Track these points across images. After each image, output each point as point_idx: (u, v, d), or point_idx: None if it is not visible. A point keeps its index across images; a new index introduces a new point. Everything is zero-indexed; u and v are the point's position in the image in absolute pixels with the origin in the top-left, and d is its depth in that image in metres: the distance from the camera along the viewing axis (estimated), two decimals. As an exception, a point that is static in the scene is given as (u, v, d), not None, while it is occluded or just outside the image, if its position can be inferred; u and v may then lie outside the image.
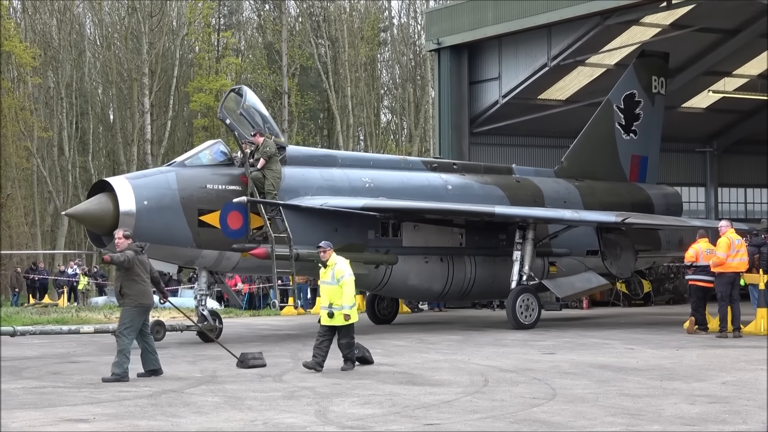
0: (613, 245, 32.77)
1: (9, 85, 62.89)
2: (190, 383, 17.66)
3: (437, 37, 43.34)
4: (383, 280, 29.35)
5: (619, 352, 22.78)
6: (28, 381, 18.50)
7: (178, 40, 72.75)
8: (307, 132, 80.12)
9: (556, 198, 33.54)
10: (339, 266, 19.39)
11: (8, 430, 13.19)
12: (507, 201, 31.75)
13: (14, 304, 47.35)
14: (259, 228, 26.34)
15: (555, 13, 39.16)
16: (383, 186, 29.65)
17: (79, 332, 24.38)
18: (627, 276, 35.54)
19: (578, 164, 35.71)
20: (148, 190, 25.09)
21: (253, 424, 13.40)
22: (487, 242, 31.46)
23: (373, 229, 28.88)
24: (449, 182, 31.26)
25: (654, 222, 33.63)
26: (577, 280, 32.46)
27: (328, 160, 29.78)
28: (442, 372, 19.02)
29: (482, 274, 31.08)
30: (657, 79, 37.64)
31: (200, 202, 25.79)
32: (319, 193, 28.07)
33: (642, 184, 37.28)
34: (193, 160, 26.60)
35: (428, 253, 30.18)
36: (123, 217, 24.29)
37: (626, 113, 36.67)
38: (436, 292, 31.13)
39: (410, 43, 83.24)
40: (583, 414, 13.88)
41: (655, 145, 37.96)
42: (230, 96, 27.75)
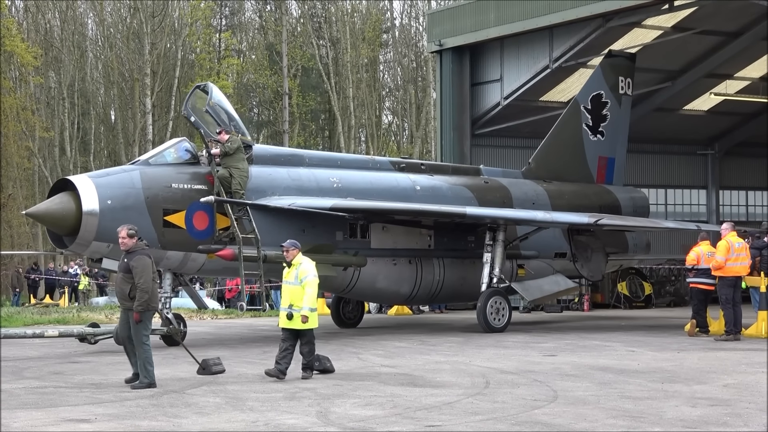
0: (584, 247, 32.62)
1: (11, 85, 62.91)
2: (191, 384, 17.67)
3: (439, 39, 43.33)
4: (351, 282, 28.73)
5: (620, 354, 22.78)
6: (30, 381, 18.51)
7: (179, 40, 72.74)
8: (308, 133, 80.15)
9: (524, 199, 32.97)
10: (304, 266, 18.58)
11: (10, 429, 13.20)
12: (475, 202, 31.22)
13: (15, 304, 47.33)
14: (226, 229, 25.71)
15: (557, 15, 39.17)
16: (351, 186, 28.99)
17: (43, 336, 23.25)
18: (598, 279, 35.30)
19: (546, 165, 35.13)
20: (112, 189, 24.40)
21: (254, 425, 13.41)
22: (456, 244, 30.97)
23: (341, 230, 28.29)
24: (417, 183, 30.63)
25: (627, 224, 33.26)
26: (546, 283, 32.26)
27: (295, 159, 29.06)
28: (444, 373, 19.02)
29: (451, 276, 30.55)
30: (624, 80, 37.15)
31: (165, 202, 25.11)
32: (287, 193, 27.40)
33: (609, 185, 36.73)
34: (158, 159, 25.89)
35: (397, 255, 29.61)
36: (86, 217, 23.74)
37: (593, 114, 36.11)
38: (404, 295, 30.45)
39: (412, 44, 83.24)
40: (584, 416, 13.89)
41: (622, 146, 37.44)
42: (195, 93, 27.07)
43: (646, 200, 38.35)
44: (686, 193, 53.73)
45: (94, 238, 23.95)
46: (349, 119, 75.09)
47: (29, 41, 66.66)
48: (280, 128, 74.59)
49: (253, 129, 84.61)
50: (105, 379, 16.83)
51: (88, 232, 23.87)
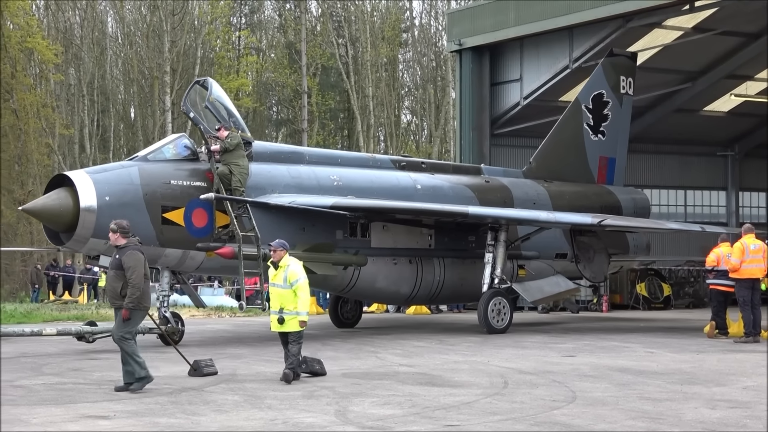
0: (586, 248, 32.28)
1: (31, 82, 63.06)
2: (210, 381, 17.68)
3: (459, 38, 43.28)
4: (351, 282, 28.33)
5: (639, 355, 22.72)
6: (49, 377, 18.55)
7: (199, 38, 72.85)
8: (327, 132, 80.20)
9: (525, 199, 32.67)
10: (292, 268, 17.90)
11: (29, 425, 13.23)
12: (476, 202, 30.87)
13: (34, 301, 47.48)
14: (225, 226, 25.36)
15: (577, 15, 39.08)
16: (352, 184, 28.63)
17: (41, 334, 23.02)
18: (600, 280, 34.89)
19: (547, 165, 34.80)
20: (110, 185, 24.00)
21: (272, 423, 13.42)
22: (457, 244, 30.68)
23: (341, 228, 27.93)
24: (418, 182, 30.28)
25: (630, 224, 32.97)
26: (546, 284, 31.91)
27: (295, 156, 28.61)
28: (462, 373, 19.00)
29: (451, 276, 30.27)
30: (625, 80, 36.80)
31: (164, 199, 24.72)
32: (286, 190, 27.00)
33: (610, 186, 36.41)
34: (156, 155, 25.46)
35: (397, 255, 29.29)
36: (83, 214, 23.39)
37: (594, 114, 35.79)
38: (404, 295, 30.08)
39: (431, 43, 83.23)
40: (603, 417, 13.85)
41: (622, 146, 37.12)
42: (195, 88, 26.65)
43: (646, 201, 38.05)
44: (706, 194, 53.54)
45: (92, 234, 23.58)
46: (368, 118, 75.10)
47: (50, 38, 66.81)
48: (299, 127, 74.66)
49: (272, 127, 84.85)
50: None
51: (86, 229, 23.53)
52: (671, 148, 51.34)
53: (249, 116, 77.60)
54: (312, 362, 18.49)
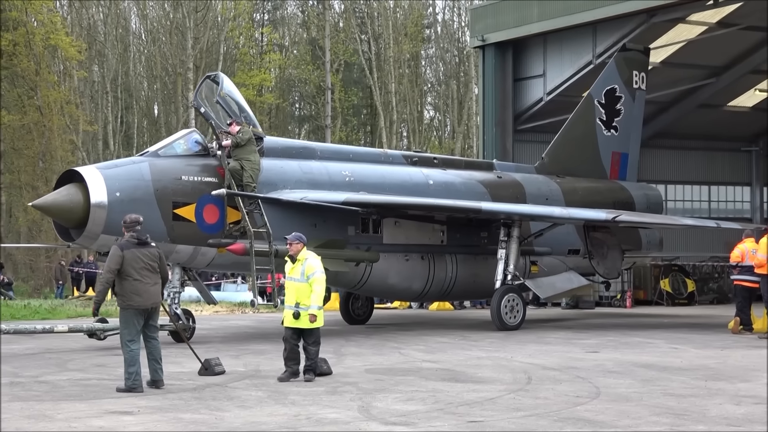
0: (600, 244, 31.94)
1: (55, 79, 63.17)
2: (233, 377, 17.72)
3: (482, 34, 43.22)
4: (363, 278, 28.08)
5: (663, 351, 22.66)
6: (73, 373, 18.63)
7: (222, 35, 72.94)
8: (350, 128, 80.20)
9: (537, 195, 32.45)
10: (310, 262, 17.62)
11: (53, 421, 13.27)
12: (488, 197, 30.63)
13: (59, 297, 47.63)
14: (236, 222, 25.14)
15: (600, 11, 38.97)
16: (363, 180, 28.38)
17: (53, 331, 22.78)
18: (614, 277, 34.51)
19: (559, 161, 34.58)
20: (121, 181, 23.79)
21: (296, 419, 13.43)
22: (469, 240, 30.38)
23: (353, 224, 27.66)
24: (430, 177, 30.03)
25: (645, 220, 32.53)
26: (558, 280, 31.61)
27: (306, 152, 28.36)
28: (485, 369, 18.98)
29: (463, 273, 29.97)
30: (638, 74, 36.44)
31: (175, 195, 24.50)
32: (298, 186, 26.79)
33: (623, 181, 36.13)
34: (167, 150, 25.27)
35: (409, 251, 29.00)
36: (94, 210, 23.19)
37: (607, 108, 35.53)
38: (416, 292, 29.86)
39: (454, 39, 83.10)
40: (627, 413, 13.82)
41: (635, 141, 36.82)
42: (206, 83, 26.47)
43: (659, 197, 37.86)
44: (730, 190, 53.35)
45: (102, 231, 23.39)
46: (391, 114, 75.03)
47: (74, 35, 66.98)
48: (322, 123, 74.68)
49: (294, 124, 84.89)
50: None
51: (96, 225, 23.35)
52: (695, 144, 51.18)
53: (272, 112, 77.72)
54: (319, 361, 18.00)
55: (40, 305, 37.98)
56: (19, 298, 45.69)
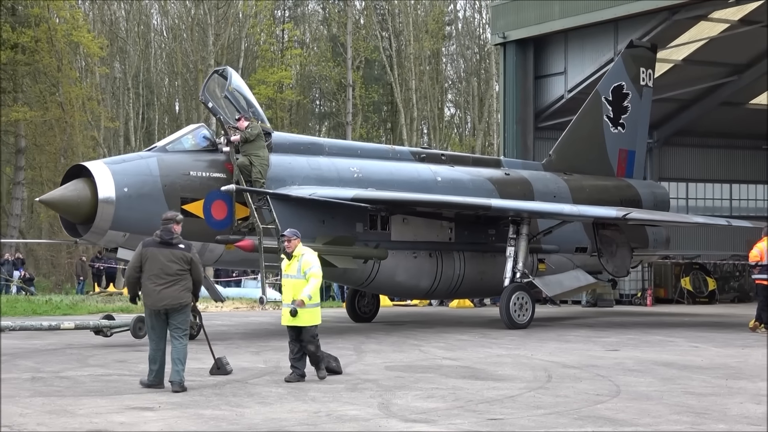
0: (609, 242, 31.62)
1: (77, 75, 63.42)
2: (254, 374, 17.75)
3: (503, 31, 43.21)
4: (370, 275, 27.81)
5: (684, 349, 22.61)
6: (95, 369, 18.68)
7: (243, 31, 73.02)
8: (370, 125, 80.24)
9: (545, 192, 32.17)
10: (306, 258, 17.13)
11: (75, 416, 13.32)
12: (497, 194, 30.40)
13: (80, 292, 47.80)
14: (245, 219, 24.91)
15: (622, 8, 38.91)
16: (372, 176, 28.14)
17: (59, 328, 22.93)
18: (623, 275, 34.06)
19: (566, 158, 34.38)
20: (128, 176, 23.54)
21: (316, 416, 13.44)
22: (477, 237, 30.14)
23: (361, 221, 27.43)
24: (438, 174, 29.77)
25: (656, 218, 32.36)
26: (566, 278, 31.35)
27: (314, 148, 28.05)
28: (505, 367, 18.96)
29: (471, 270, 29.71)
30: (645, 71, 36.12)
31: (183, 190, 24.23)
32: (306, 182, 26.51)
33: (630, 179, 35.81)
34: (175, 145, 25.01)
35: (417, 248, 28.73)
36: (101, 205, 22.94)
37: (614, 105, 35.15)
38: (424, 289, 29.67)
39: (475, 36, 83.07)
40: (647, 412, 13.79)
41: (642, 139, 36.51)
42: (214, 78, 26.13)
43: (666, 195, 37.48)
44: (751, 188, 53.21)
45: (110, 226, 23.20)
46: (412, 111, 75.04)
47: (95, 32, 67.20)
48: (342, 120, 74.70)
49: (315, 121, 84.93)
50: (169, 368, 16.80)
51: (104, 221, 23.12)
52: (716, 142, 51.09)
53: (293, 109, 77.77)
54: (329, 359, 17.70)
55: (61, 301, 38.13)
56: (40, 293, 45.89)
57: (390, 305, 38.65)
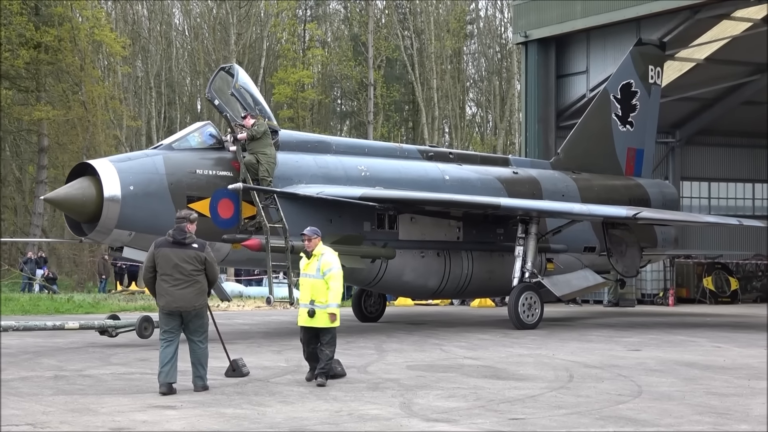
0: (619, 242, 31.36)
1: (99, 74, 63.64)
2: (275, 372, 17.78)
3: (525, 30, 43.16)
4: (378, 275, 27.52)
5: (706, 350, 22.55)
6: (117, 367, 18.73)
7: (265, 30, 73.14)
8: (391, 124, 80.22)
9: (554, 191, 31.86)
10: (327, 257, 16.64)
11: (98, 414, 13.37)
12: (505, 193, 30.07)
13: (102, 291, 47.96)
14: (251, 218, 24.57)
15: (644, 7, 38.82)
16: (379, 175, 27.85)
17: (63, 328, 22.68)
18: (633, 275, 33.74)
19: (575, 156, 34.02)
20: (134, 174, 23.22)
21: (338, 415, 13.45)
22: (485, 236, 29.80)
23: (368, 220, 27.09)
24: (446, 172, 29.44)
25: (666, 217, 32.12)
26: (574, 278, 30.93)
27: (321, 146, 27.71)
28: (527, 366, 18.94)
29: (479, 270, 29.38)
30: (654, 69, 35.66)
31: (189, 189, 23.92)
32: (313, 181, 26.21)
33: (638, 178, 35.45)
34: (181, 143, 24.70)
35: (425, 248, 28.42)
36: (107, 204, 22.63)
37: (623, 104, 34.77)
38: (432, 289, 29.27)
39: (496, 35, 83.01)
40: (669, 412, 13.76)
41: (650, 137, 36.09)
42: (220, 75, 25.67)
43: (675, 194, 37.21)
44: (777, 187, 53.03)
45: (116, 225, 22.90)
46: (433, 110, 75.03)
47: (117, 31, 67.42)
48: (364, 119, 74.72)
49: (337, 120, 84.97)
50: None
51: (110, 220, 22.81)
52: (738, 141, 50.91)
53: (314, 108, 77.82)
54: (335, 363, 17.10)
55: (83, 299, 38.27)
56: (63, 292, 46.04)
57: (411, 304, 38.65)
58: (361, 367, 18.61)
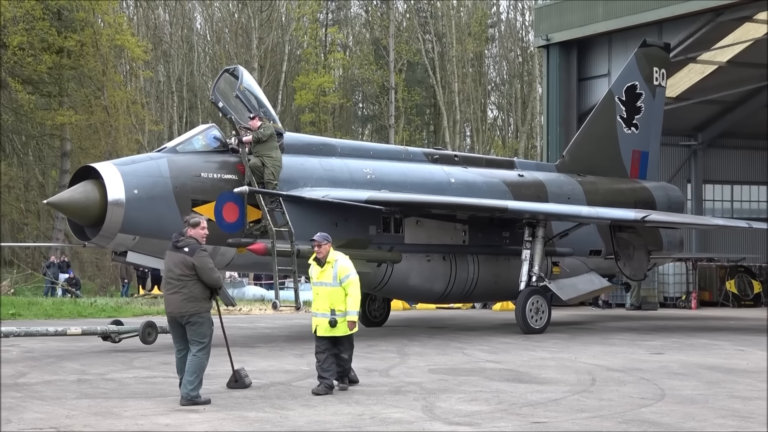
0: (626, 245, 31.17)
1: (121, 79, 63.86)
2: (297, 376, 17.80)
3: (546, 33, 43.11)
4: (384, 279, 27.06)
5: (729, 353, 22.47)
6: (140, 371, 18.79)
7: (286, 35, 73.26)
8: (413, 128, 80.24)
9: (559, 194, 31.55)
10: (342, 263, 16.14)
11: (121, 418, 13.42)
12: (510, 196, 29.76)
13: (124, 295, 48.12)
14: (257, 221, 24.27)
15: (666, 9, 38.73)
16: (385, 178, 27.50)
17: (65, 334, 22.60)
18: (640, 278, 33.66)
19: (580, 159, 33.72)
20: (139, 177, 22.84)
21: (360, 419, 13.47)
22: (491, 240, 29.49)
23: (374, 224, 26.74)
24: (452, 175, 29.13)
25: (675, 220, 31.81)
26: (580, 282, 30.60)
27: (326, 148, 27.36)
28: (549, 370, 18.92)
29: (485, 274, 28.98)
30: (658, 71, 35.27)
31: (194, 192, 23.53)
32: (319, 184, 25.87)
33: (643, 180, 35.15)
34: (186, 146, 24.31)
35: (430, 251, 28.02)
36: (111, 208, 22.23)
37: (628, 106, 34.48)
38: (437, 293, 28.70)
39: (518, 39, 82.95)
40: (692, 415, 13.72)
41: (655, 139, 35.72)
42: (224, 77, 25.33)
43: (681, 197, 36.84)
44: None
45: (120, 229, 22.54)
46: (455, 114, 75.00)
47: (139, 36, 67.64)
48: (385, 123, 74.75)
49: (358, 123, 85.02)
50: (213, 371, 16.67)
51: (113, 224, 22.45)
52: (761, 144, 50.74)
53: (335, 112, 77.89)
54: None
55: (106, 303, 38.41)
56: (85, 296, 46.22)
57: (433, 308, 38.63)
58: (383, 371, 18.61)
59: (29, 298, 42.37)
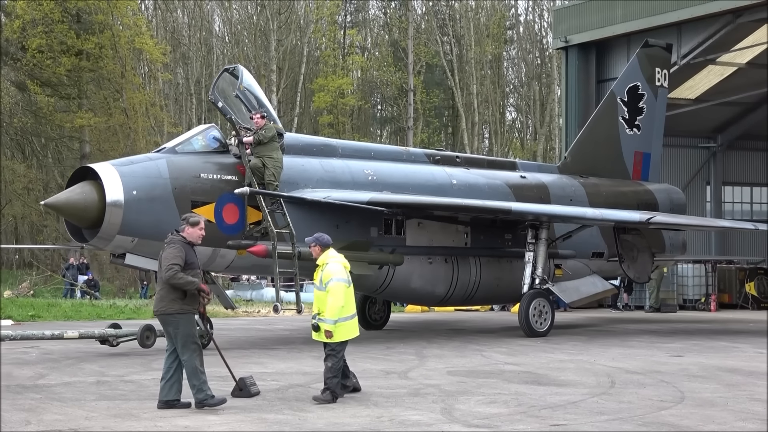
0: (630, 247, 30.80)
1: (140, 81, 63.97)
2: (316, 378, 17.75)
3: (565, 35, 43.06)
4: (385, 282, 26.73)
5: (749, 355, 22.40)
6: (158, 372, 18.61)
7: (305, 37, 73.33)
8: (431, 129, 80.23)
9: (562, 195, 31.22)
10: (329, 268, 15.47)
11: (140, 419, 13.44)
12: (512, 198, 29.42)
13: (143, 297, 48.18)
14: (257, 223, 23.87)
15: (685, 11, 38.63)
16: (386, 179, 27.17)
17: (62, 338, 22.22)
18: (644, 280, 33.42)
19: (582, 160, 33.36)
20: (137, 178, 22.48)
21: (379, 421, 13.46)
22: (493, 242, 29.15)
23: (375, 226, 26.34)
24: (454, 177, 28.78)
25: (680, 222, 31.68)
26: (583, 285, 30.31)
27: (327, 149, 26.99)
28: (568, 372, 18.88)
29: (487, 276, 28.65)
30: (660, 72, 34.99)
31: (193, 193, 23.18)
32: (320, 185, 25.56)
33: (645, 182, 34.78)
34: (185, 146, 23.95)
35: (432, 253, 27.66)
36: (109, 209, 21.90)
37: (630, 107, 34.15)
38: (439, 296, 28.32)
39: (536, 40, 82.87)
40: (712, 418, 13.68)
41: (657, 141, 35.38)
42: (224, 76, 25.00)
43: (683, 199, 36.38)
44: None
45: (118, 231, 22.19)
46: (473, 116, 74.94)
47: (158, 38, 67.78)
48: (404, 124, 74.73)
49: (377, 125, 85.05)
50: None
51: (112, 225, 22.10)
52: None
53: (354, 114, 77.92)
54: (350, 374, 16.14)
55: (125, 305, 38.48)
56: (104, 298, 46.32)
57: (451, 310, 38.58)
58: (401, 373, 18.61)
59: (48, 299, 42.45)
